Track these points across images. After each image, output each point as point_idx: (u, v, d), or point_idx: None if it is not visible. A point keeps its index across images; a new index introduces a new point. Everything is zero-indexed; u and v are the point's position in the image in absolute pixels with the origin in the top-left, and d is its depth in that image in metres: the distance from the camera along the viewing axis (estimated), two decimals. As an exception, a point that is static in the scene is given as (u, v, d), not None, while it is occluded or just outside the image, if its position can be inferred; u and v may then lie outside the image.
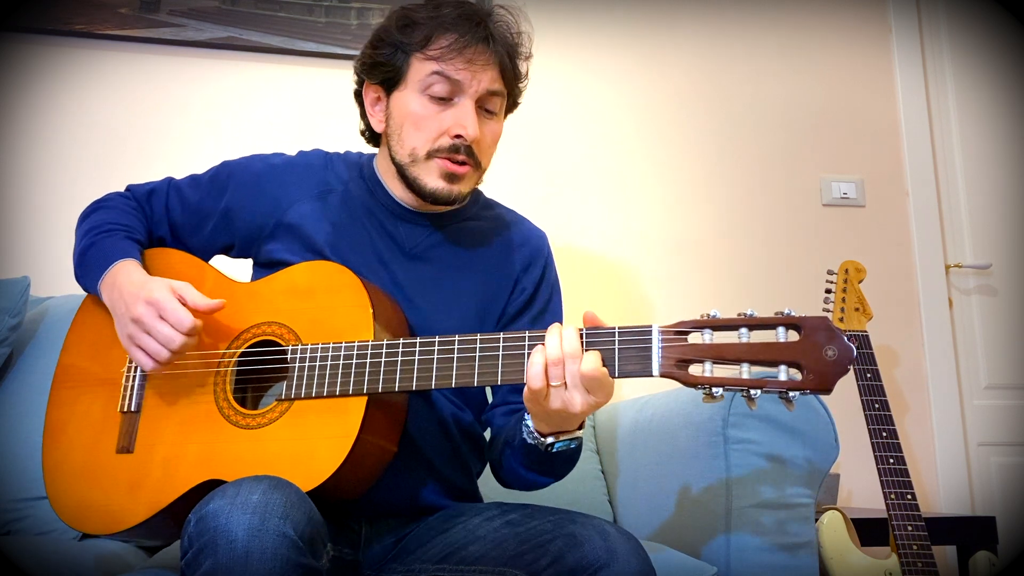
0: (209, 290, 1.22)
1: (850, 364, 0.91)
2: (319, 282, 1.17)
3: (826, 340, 0.92)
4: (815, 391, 0.92)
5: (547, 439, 1.07)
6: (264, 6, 2.22)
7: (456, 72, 1.20)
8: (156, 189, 1.36)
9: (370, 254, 1.26)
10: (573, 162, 2.35)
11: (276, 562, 0.86)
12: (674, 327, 0.96)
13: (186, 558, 0.90)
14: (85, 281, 1.26)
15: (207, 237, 1.32)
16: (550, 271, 1.38)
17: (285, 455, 1.07)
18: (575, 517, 1.05)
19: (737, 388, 0.94)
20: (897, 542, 1.65)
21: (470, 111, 1.20)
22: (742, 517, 1.36)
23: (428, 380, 1.06)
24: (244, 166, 1.34)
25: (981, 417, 2.45)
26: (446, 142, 1.21)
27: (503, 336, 1.04)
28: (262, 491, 0.90)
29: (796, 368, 0.93)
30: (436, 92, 1.21)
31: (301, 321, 1.16)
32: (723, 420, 1.39)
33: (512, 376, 1.02)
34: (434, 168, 1.22)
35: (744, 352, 0.93)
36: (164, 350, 1.11)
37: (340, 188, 1.31)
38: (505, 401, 1.30)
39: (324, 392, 1.09)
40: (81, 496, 1.16)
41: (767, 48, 2.54)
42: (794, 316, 0.93)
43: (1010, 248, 2.57)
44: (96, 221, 1.29)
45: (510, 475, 1.22)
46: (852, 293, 1.90)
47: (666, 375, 0.96)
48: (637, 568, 0.97)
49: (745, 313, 0.95)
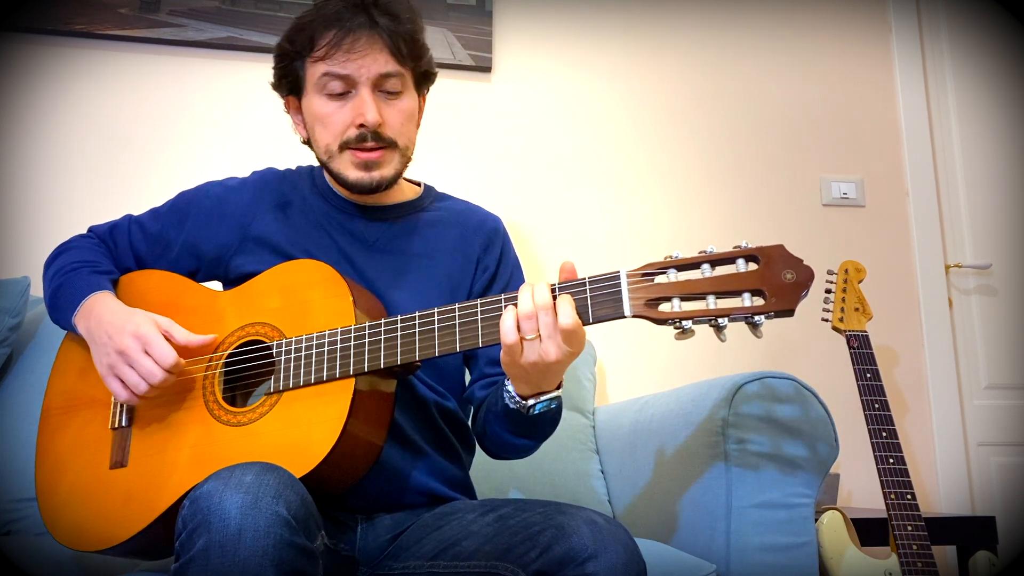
0: (191, 303, 1.26)
1: (809, 282, 0.95)
2: (297, 279, 1.19)
3: (784, 264, 0.96)
4: (778, 312, 0.96)
5: (528, 401, 1.09)
6: (264, 6, 2.22)
7: (343, 67, 1.23)
8: (117, 225, 1.40)
9: (335, 252, 1.30)
10: (572, 162, 2.35)
11: (269, 539, 0.87)
12: (640, 270, 1.00)
13: (180, 538, 0.91)
14: (60, 320, 1.28)
15: (172, 263, 1.35)
16: (508, 250, 1.42)
17: (278, 445, 1.08)
18: (564, 508, 1.05)
19: (704, 318, 0.97)
20: (897, 542, 1.65)
21: (367, 99, 1.23)
22: (742, 517, 1.36)
23: (412, 352, 1.08)
24: (202, 193, 1.38)
25: (981, 417, 2.45)
26: (353, 133, 1.24)
27: (481, 301, 1.07)
28: (255, 473, 0.91)
29: (758, 296, 0.97)
30: (332, 90, 1.25)
31: (284, 318, 1.17)
32: (723, 420, 1.39)
33: (491, 337, 1.05)
34: (348, 160, 1.26)
35: (709, 285, 0.98)
36: (143, 383, 1.13)
37: (296, 198, 1.36)
38: (483, 375, 1.32)
39: (312, 379, 1.10)
40: (77, 515, 1.16)
41: (767, 48, 2.54)
42: (751, 248, 0.98)
43: (1010, 248, 2.57)
44: (62, 263, 1.32)
45: (496, 441, 1.24)
46: (852, 293, 1.90)
47: (638, 315, 0.99)
48: (625, 559, 0.97)
49: (705, 250, 0.99)
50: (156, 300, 1.26)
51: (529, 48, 2.39)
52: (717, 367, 2.25)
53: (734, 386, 1.40)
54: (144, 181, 2.11)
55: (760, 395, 1.39)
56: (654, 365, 2.25)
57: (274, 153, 2.14)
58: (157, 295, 1.28)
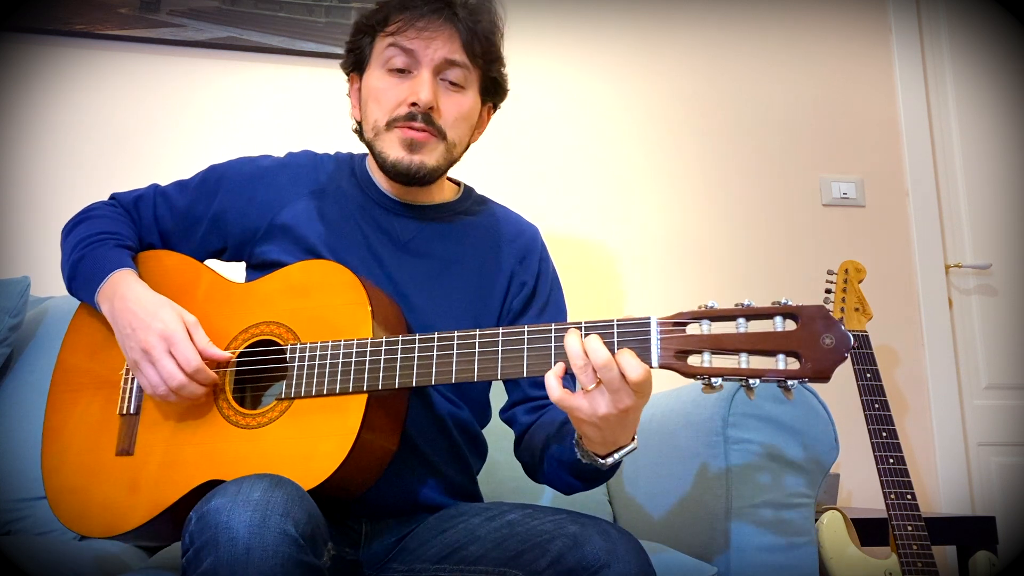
0: (205, 292, 1.22)
1: (847, 351, 0.91)
2: (316, 281, 1.17)
3: (823, 328, 0.92)
4: (813, 379, 0.92)
5: (606, 460, 1.05)
6: (264, 6, 2.22)
7: (409, 42, 1.22)
8: (143, 196, 1.35)
9: (364, 249, 1.26)
10: (572, 163, 2.35)
11: (277, 559, 0.86)
12: (672, 318, 0.96)
13: (187, 556, 0.90)
14: (81, 294, 1.25)
15: (198, 241, 1.32)
16: (547, 265, 1.38)
17: (286, 454, 1.07)
18: (576, 517, 1.04)
19: (736, 378, 0.93)
20: (897, 542, 1.65)
21: (426, 79, 1.22)
22: (742, 517, 1.36)
23: (428, 376, 1.06)
24: (234, 169, 1.34)
25: (981, 417, 2.45)
26: (403, 111, 1.22)
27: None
28: (263, 489, 0.90)
29: (794, 357, 0.93)
30: (394, 64, 1.24)
31: (299, 320, 1.15)
32: (723, 420, 1.39)
33: (511, 372, 1.02)
34: (395, 138, 1.23)
35: (742, 342, 0.93)
36: (163, 385, 1.11)
37: (332, 187, 1.31)
38: (527, 397, 1.29)
39: (324, 390, 1.09)
40: (81, 499, 1.15)
41: (767, 48, 2.54)
42: (791, 305, 0.93)
43: (1010, 248, 2.57)
44: (85, 231, 1.27)
45: (552, 480, 1.20)
46: (852, 293, 1.90)
47: (665, 366, 0.95)
48: (637, 569, 0.97)
49: (743, 303, 0.95)
50: (171, 285, 1.23)
51: (529, 48, 2.39)
52: (717, 367, 2.25)
53: (734, 386, 1.40)
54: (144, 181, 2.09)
55: (760, 395, 1.38)
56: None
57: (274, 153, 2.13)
58: (172, 280, 1.24)
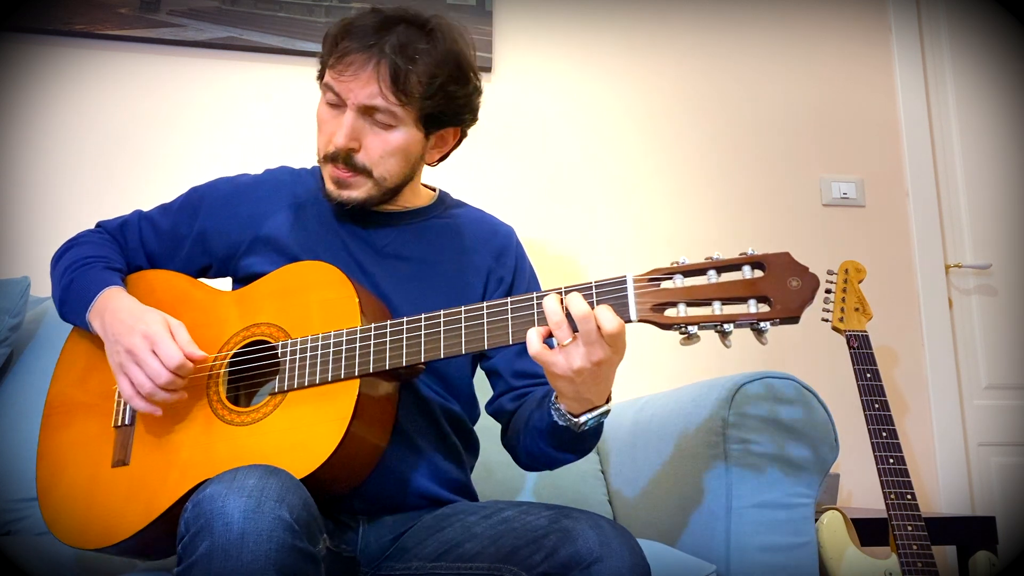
0: (195, 302, 1.25)
1: (814, 290, 0.95)
2: (304, 280, 1.19)
3: (790, 272, 0.96)
4: (783, 319, 0.96)
5: (580, 418, 1.08)
6: (264, 6, 2.22)
7: (335, 82, 1.23)
8: (128, 221, 1.39)
9: (345, 256, 1.29)
10: (571, 163, 2.35)
11: (272, 543, 0.87)
12: (647, 275, 1.01)
13: (183, 542, 0.91)
14: (71, 316, 1.27)
15: (184, 260, 1.35)
16: (524, 262, 1.42)
17: (281, 445, 1.08)
18: (569, 512, 1.05)
19: (710, 323, 0.98)
20: (897, 542, 1.65)
21: (346, 120, 1.22)
22: (742, 517, 1.36)
23: (417, 353, 1.08)
24: (214, 188, 1.38)
25: (981, 417, 2.45)
26: (331, 148, 1.24)
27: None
28: (258, 476, 0.91)
29: (764, 302, 0.97)
30: (329, 99, 1.26)
31: (289, 319, 1.17)
32: (723, 420, 1.39)
33: (497, 340, 1.04)
34: (327, 172, 1.27)
35: (714, 291, 0.98)
36: (149, 383, 1.12)
37: (310, 199, 1.35)
38: (511, 387, 1.32)
39: (316, 379, 1.10)
40: (78, 513, 1.15)
41: (767, 48, 2.54)
42: (757, 255, 0.98)
43: (1010, 248, 2.57)
44: (73, 257, 1.31)
45: (535, 455, 1.22)
46: (852, 293, 1.90)
47: (644, 320, 0.99)
48: (631, 562, 0.97)
49: (711, 257, 0.99)
50: (162, 299, 1.26)
51: (529, 48, 2.39)
52: (717, 367, 2.25)
53: (734, 386, 1.40)
54: (144, 181, 2.11)
55: (761, 395, 1.39)
56: (654, 365, 2.25)
57: (274, 153, 2.14)
58: (163, 294, 1.28)
